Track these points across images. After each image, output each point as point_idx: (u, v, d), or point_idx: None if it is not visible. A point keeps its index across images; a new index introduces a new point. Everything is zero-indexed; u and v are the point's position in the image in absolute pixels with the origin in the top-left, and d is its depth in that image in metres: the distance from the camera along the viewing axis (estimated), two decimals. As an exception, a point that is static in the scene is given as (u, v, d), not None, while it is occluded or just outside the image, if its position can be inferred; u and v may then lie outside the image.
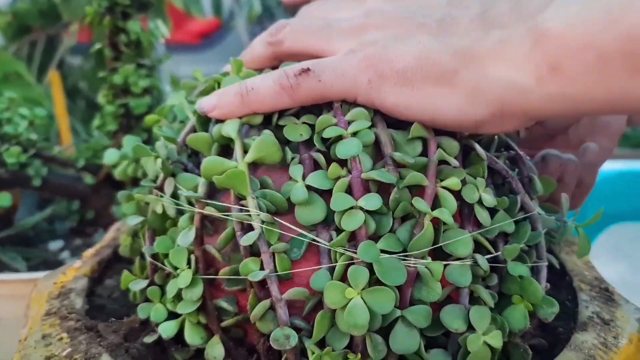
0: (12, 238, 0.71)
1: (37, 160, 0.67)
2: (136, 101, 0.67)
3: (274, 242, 0.32)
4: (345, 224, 0.31)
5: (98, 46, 0.68)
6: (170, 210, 0.35)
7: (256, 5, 1.50)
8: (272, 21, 0.42)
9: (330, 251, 0.31)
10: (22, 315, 0.40)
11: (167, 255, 0.34)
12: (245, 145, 0.34)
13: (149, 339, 0.35)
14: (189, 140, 0.35)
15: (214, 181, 0.32)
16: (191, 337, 0.33)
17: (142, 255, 0.38)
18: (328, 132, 0.33)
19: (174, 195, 0.35)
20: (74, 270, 0.44)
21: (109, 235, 0.50)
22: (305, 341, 0.31)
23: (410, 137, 0.33)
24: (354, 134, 0.32)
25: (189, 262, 0.34)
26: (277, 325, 0.31)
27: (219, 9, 1.56)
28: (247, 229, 0.32)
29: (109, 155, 0.45)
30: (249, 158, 0.33)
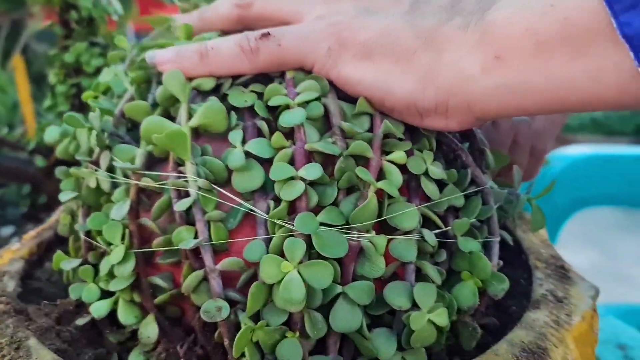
0: (-39, 224, 0.69)
1: (-16, 143, 0.64)
2: (89, 81, 0.65)
3: (209, 210, 0.30)
4: (284, 194, 0.29)
5: (48, 23, 0.65)
6: (105, 184, 0.33)
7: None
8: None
9: (267, 222, 0.30)
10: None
11: (102, 233, 0.33)
12: (190, 109, 0.32)
13: (82, 321, 0.33)
14: (126, 108, 0.33)
15: (154, 141, 0.30)
16: (125, 316, 0.32)
17: (77, 234, 0.36)
18: (274, 101, 0.31)
19: (110, 169, 0.33)
20: (11, 253, 0.41)
21: (53, 217, 0.47)
22: (240, 315, 0.29)
23: (356, 112, 0.32)
24: (301, 105, 0.31)
25: (123, 237, 0.32)
26: (211, 297, 0.29)
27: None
28: (185, 197, 0.31)
29: (49, 133, 0.43)
30: (194, 122, 0.31)
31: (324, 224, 0.29)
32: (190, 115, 0.32)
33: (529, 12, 0.27)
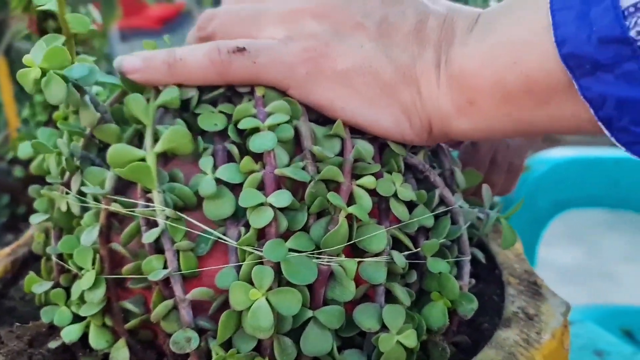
0: (-61, 235, 0.68)
1: (-38, 153, 0.64)
2: (68, 90, 0.64)
3: (178, 240, 0.30)
4: (253, 220, 0.29)
5: (26, 31, 0.65)
6: (75, 208, 0.33)
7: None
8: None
9: (238, 249, 0.30)
10: None
11: (73, 256, 0.33)
12: (157, 132, 0.32)
13: (54, 344, 0.33)
14: (96, 132, 0.33)
15: (118, 173, 0.30)
16: (96, 341, 0.32)
17: (49, 256, 0.36)
18: (244, 124, 0.31)
19: (81, 191, 0.33)
20: (-15, 271, 0.41)
21: (28, 233, 0.47)
22: (211, 342, 0.29)
23: (330, 134, 0.32)
24: (271, 128, 0.31)
25: (94, 262, 0.32)
26: (181, 326, 0.29)
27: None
28: (153, 225, 0.31)
29: (22, 149, 0.42)
30: (159, 148, 0.31)
31: (294, 250, 0.29)
32: (156, 138, 0.32)
33: (494, 67, 0.29)
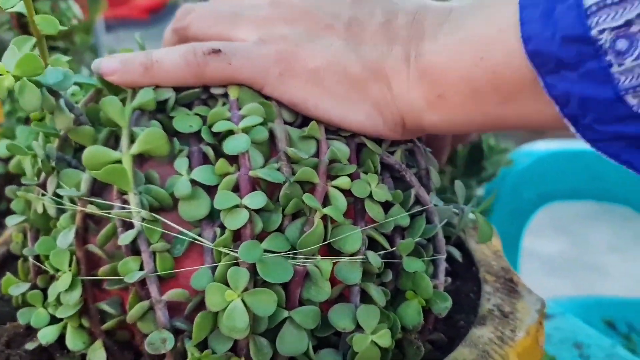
0: None
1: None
2: (49, 86, 0.64)
3: (155, 241, 0.30)
4: (228, 222, 0.29)
5: (5, 27, 0.64)
6: (51, 210, 0.33)
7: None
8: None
9: (213, 250, 0.30)
10: None
11: (48, 256, 0.33)
12: (133, 134, 0.32)
13: (32, 345, 0.33)
14: (70, 134, 0.33)
15: (94, 175, 0.30)
16: (73, 343, 0.32)
17: (26, 257, 0.36)
18: (218, 126, 0.31)
19: (58, 193, 0.33)
20: (-38, 271, 0.41)
21: (7, 232, 0.47)
22: (187, 343, 0.30)
23: (305, 135, 0.33)
24: (245, 130, 0.31)
25: (70, 264, 0.32)
26: (157, 327, 0.29)
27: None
28: (130, 227, 0.31)
29: (1, 147, 0.42)
30: (135, 150, 0.31)
31: (269, 251, 0.29)
32: (132, 139, 0.32)
33: (462, 62, 0.29)
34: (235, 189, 0.31)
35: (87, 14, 0.85)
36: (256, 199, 0.29)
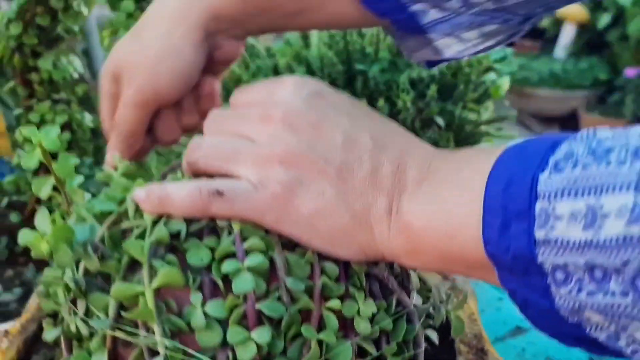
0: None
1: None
2: (55, 138, 0.67)
3: (177, 364, 0.36)
4: (240, 354, 0.35)
5: (10, 84, 0.67)
6: (84, 331, 0.38)
7: None
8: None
9: (228, 373, 0.35)
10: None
11: (84, 368, 0.38)
12: (152, 266, 0.37)
13: None
14: (102, 267, 0.38)
15: (124, 316, 0.36)
16: None
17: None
18: (226, 267, 0.36)
19: (88, 314, 0.38)
20: (1, 354, 0.46)
21: (33, 303, 0.52)
22: None
23: (303, 261, 0.38)
24: (250, 269, 0.36)
25: (104, 377, 0.37)
26: None
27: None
28: (154, 350, 0.36)
29: (23, 237, 0.46)
30: (156, 284, 0.36)
31: (274, 374, 0.35)
32: (152, 271, 0.37)
33: (435, 234, 0.34)
34: (244, 317, 0.36)
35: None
36: (263, 335, 0.35)
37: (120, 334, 0.37)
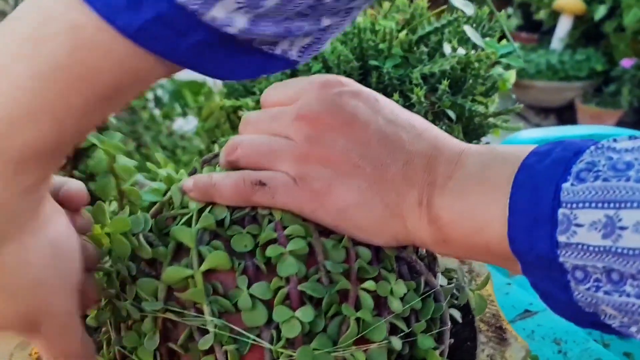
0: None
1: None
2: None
3: (225, 343, 0.39)
4: (285, 331, 0.38)
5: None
6: (135, 315, 0.41)
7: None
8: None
9: (272, 350, 0.38)
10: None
11: (135, 348, 0.41)
12: (200, 252, 0.40)
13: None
14: (154, 254, 0.41)
15: (176, 294, 0.39)
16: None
17: (109, 340, 0.45)
18: (270, 252, 0.39)
19: (138, 298, 0.41)
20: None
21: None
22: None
23: (339, 246, 0.40)
24: (292, 253, 0.39)
25: (155, 357, 0.40)
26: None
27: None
28: (203, 330, 0.39)
29: None
30: (205, 267, 0.39)
31: (316, 349, 0.38)
32: (200, 257, 0.40)
33: (463, 228, 0.37)
34: (287, 297, 0.39)
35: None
36: (306, 313, 0.38)
37: (170, 315, 0.39)
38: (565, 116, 3.19)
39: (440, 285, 0.45)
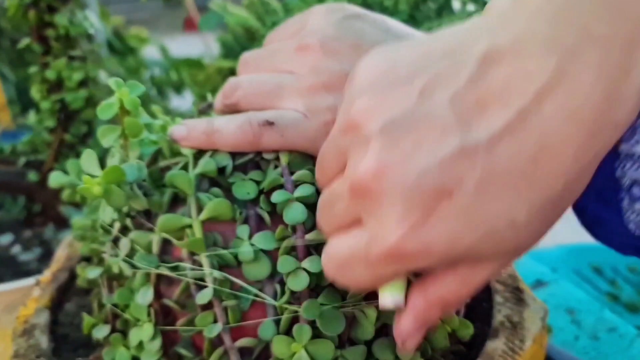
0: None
1: (-24, 161, 0.67)
2: (72, 95, 0.67)
3: (225, 298, 0.35)
4: (291, 284, 0.34)
5: (26, 41, 0.66)
6: (127, 271, 0.37)
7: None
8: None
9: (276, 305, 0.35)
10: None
11: (128, 306, 0.38)
12: (199, 200, 0.37)
13: (116, 379, 0.39)
14: (149, 204, 0.37)
15: (175, 243, 0.35)
16: (156, 380, 0.38)
17: (100, 300, 0.41)
18: (276, 197, 0.36)
19: (131, 250, 0.38)
20: (34, 302, 0.46)
21: (62, 253, 0.52)
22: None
23: None
24: (300, 199, 0.36)
25: (149, 314, 0.37)
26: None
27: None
28: (201, 284, 0.36)
29: (53, 179, 0.45)
30: (204, 216, 0.36)
31: (324, 304, 0.35)
32: (199, 206, 0.36)
33: None
34: (292, 249, 0.36)
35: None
36: (315, 264, 0.34)
37: (165, 270, 0.36)
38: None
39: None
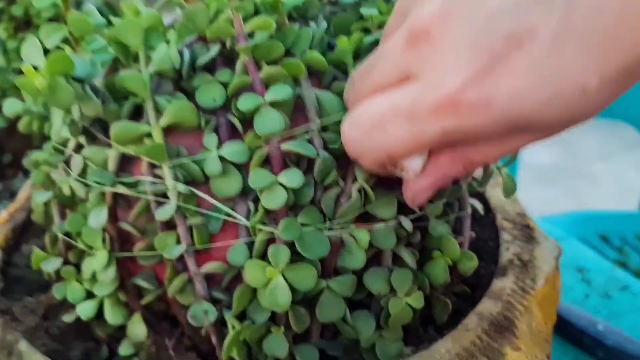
0: None
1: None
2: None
3: (190, 215, 0.30)
4: (266, 201, 0.29)
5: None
6: (80, 192, 0.32)
7: None
8: None
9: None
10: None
11: (80, 233, 0.33)
12: (157, 104, 0.31)
13: (69, 318, 0.34)
14: (104, 112, 0.32)
15: (129, 152, 0.30)
16: (112, 317, 0.33)
17: (53, 229, 0.36)
18: (243, 103, 0.30)
19: (83, 170, 0.33)
20: (-13, 241, 0.41)
21: (23, 194, 0.47)
22: (225, 313, 0.30)
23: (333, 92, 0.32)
24: (274, 104, 0.30)
25: (103, 240, 0.32)
26: (196, 297, 0.30)
27: None
28: (163, 201, 0.31)
29: (9, 106, 0.40)
30: (164, 122, 0.31)
31: (305, 224, 0.30)
32: (157, 109, 0.31)
33: None
34: (266, 162, 0.30)
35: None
36: (294, 178, 0.29)
37: (122, 188, 0.31)
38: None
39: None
